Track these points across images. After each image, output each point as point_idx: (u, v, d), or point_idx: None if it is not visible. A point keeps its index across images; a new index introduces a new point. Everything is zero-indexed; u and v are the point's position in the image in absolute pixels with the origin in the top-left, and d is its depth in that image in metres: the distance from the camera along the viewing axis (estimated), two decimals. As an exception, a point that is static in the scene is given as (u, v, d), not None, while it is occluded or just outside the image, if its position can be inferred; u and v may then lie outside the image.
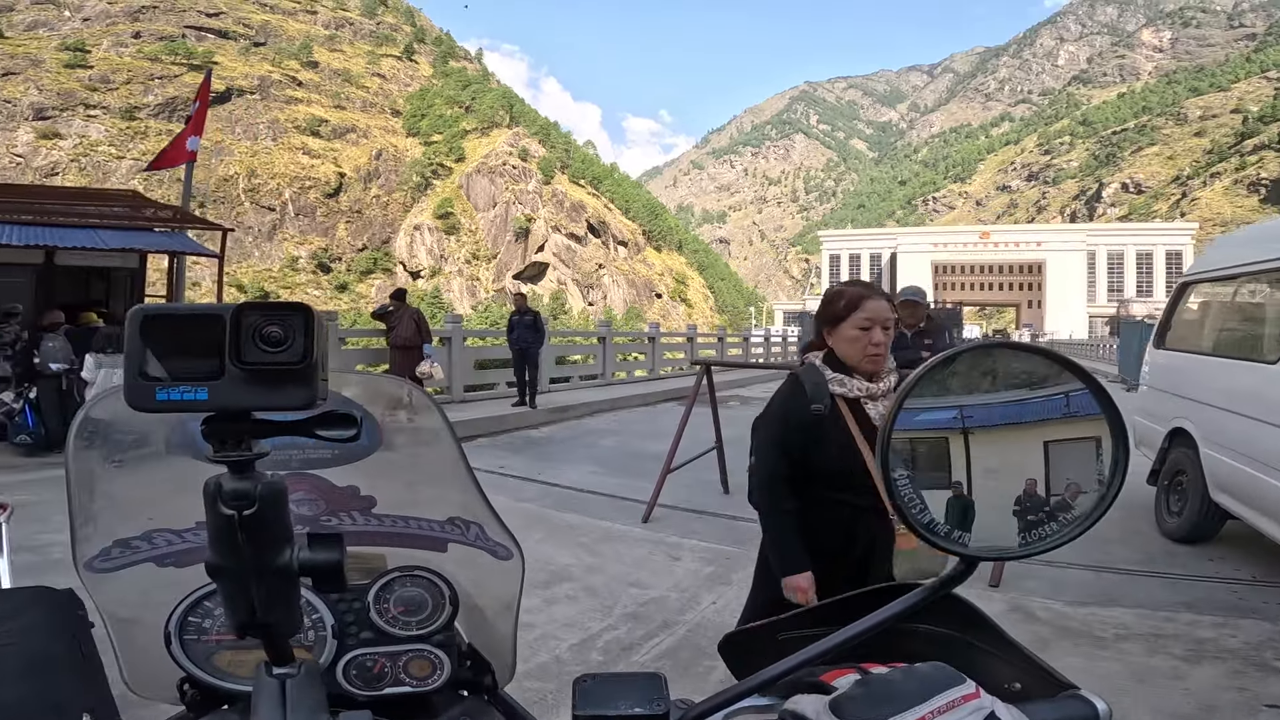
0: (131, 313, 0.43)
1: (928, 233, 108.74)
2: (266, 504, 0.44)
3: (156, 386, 0.43)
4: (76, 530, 0.62)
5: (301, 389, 0.44)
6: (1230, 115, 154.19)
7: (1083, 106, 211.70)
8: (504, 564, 0.69)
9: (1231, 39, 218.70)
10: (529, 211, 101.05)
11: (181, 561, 0.65)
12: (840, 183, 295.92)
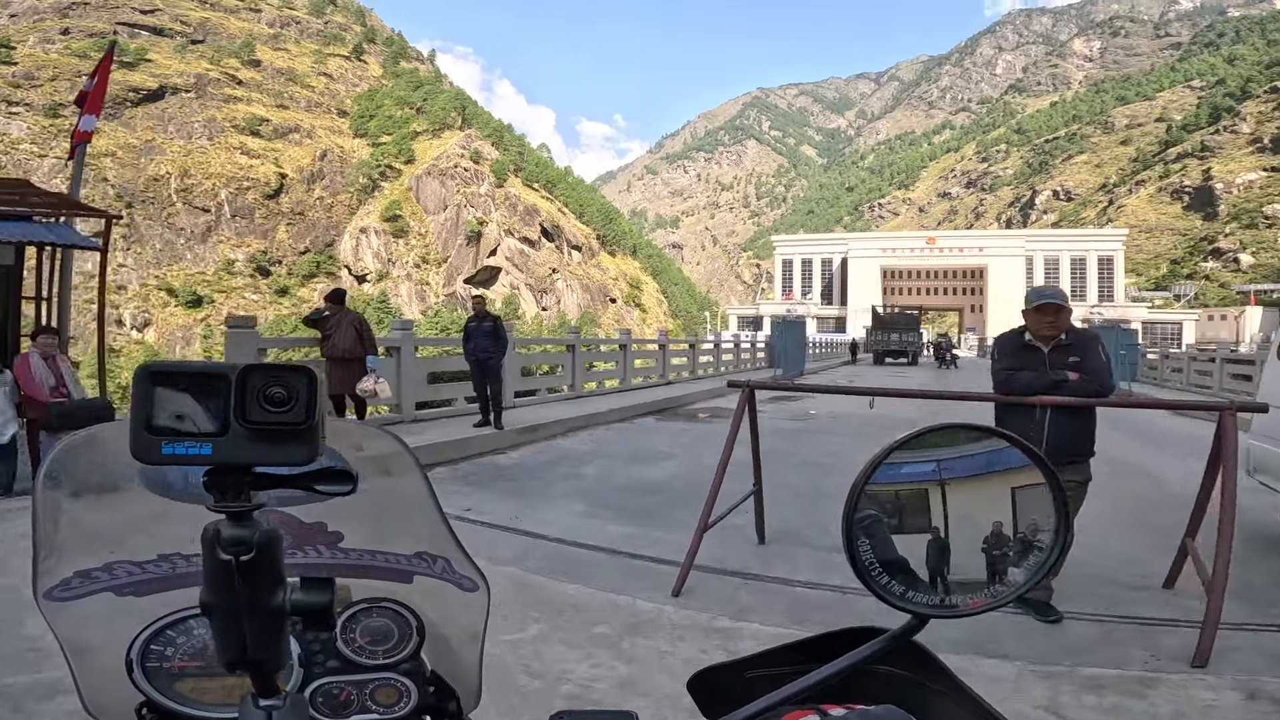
0: (139, 369, 0.46)
1: (877, 238, 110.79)
2: (263, 550, 0.47)
3: (163, 441, 0.45)
4: (39, 562, 0.63)
5: (302, 447, 0.47)
6: (1155, 124, 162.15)
7: (1018, 115, 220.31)
8: (470, 595, 0.70)
9: (1157, 48, 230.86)
10: (481, 215, 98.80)
11: (141, 591, 0.66)
12: (790, 189, 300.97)
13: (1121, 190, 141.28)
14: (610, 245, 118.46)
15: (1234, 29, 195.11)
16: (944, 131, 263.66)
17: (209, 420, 0.46)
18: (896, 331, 35.10)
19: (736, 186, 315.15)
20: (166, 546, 0.66)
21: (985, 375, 15.13)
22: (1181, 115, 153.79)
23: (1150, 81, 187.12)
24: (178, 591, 0.66)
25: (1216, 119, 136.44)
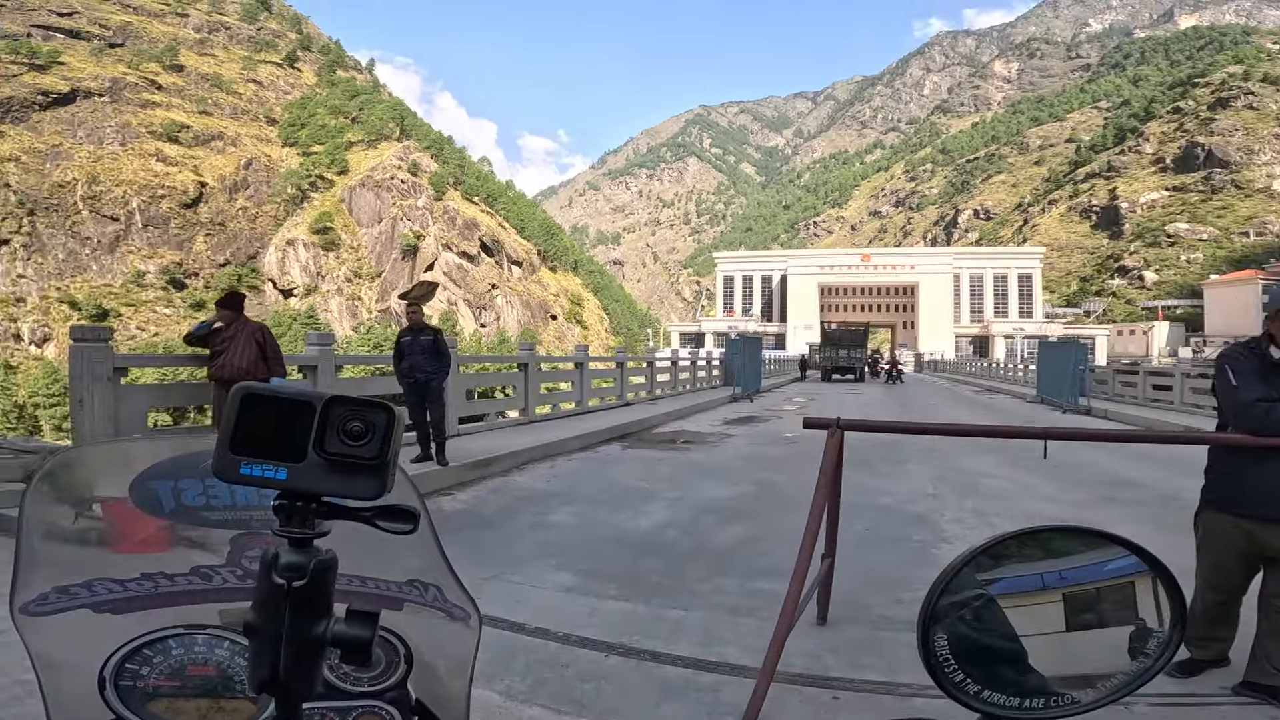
0: (236, 389, 0.49)
1: (815, 255, 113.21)
2: (316, 578, 0.49)
3: (242, 461, 0.48)
4: (18, 576, 0.63)
5: (373, 482, 0.49)
6: (1065, 144, 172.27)
7: (943, 135, 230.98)
8: (460, 625, 0.69)
9: (1069, 70, 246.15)
10: (418, 228, 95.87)
11: (120, 609, 0.65)
12: (730, 206, 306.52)
13: (1035, 210, 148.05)
14: (551, 261, 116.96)
15: (1139, 50, 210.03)
16: (875, 151, 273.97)
17: (288, 447, 0.48)
18: (844, 348, 34.99)
19: (678, 203, 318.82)
20: (150, 565, 0.65)
21: (931, 391, 14.87)
22: (1090, 136, 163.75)
23: (1061, 102, 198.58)
24: (158, 610, 0.65)
25: (1122, 139, 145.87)
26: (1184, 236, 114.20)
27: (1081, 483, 6.48)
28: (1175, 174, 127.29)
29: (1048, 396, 17.80)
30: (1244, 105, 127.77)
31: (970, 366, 54.59)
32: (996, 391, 24.87)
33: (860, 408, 16.34)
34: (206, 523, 0.66)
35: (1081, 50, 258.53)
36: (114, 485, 0.65)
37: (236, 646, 0.61)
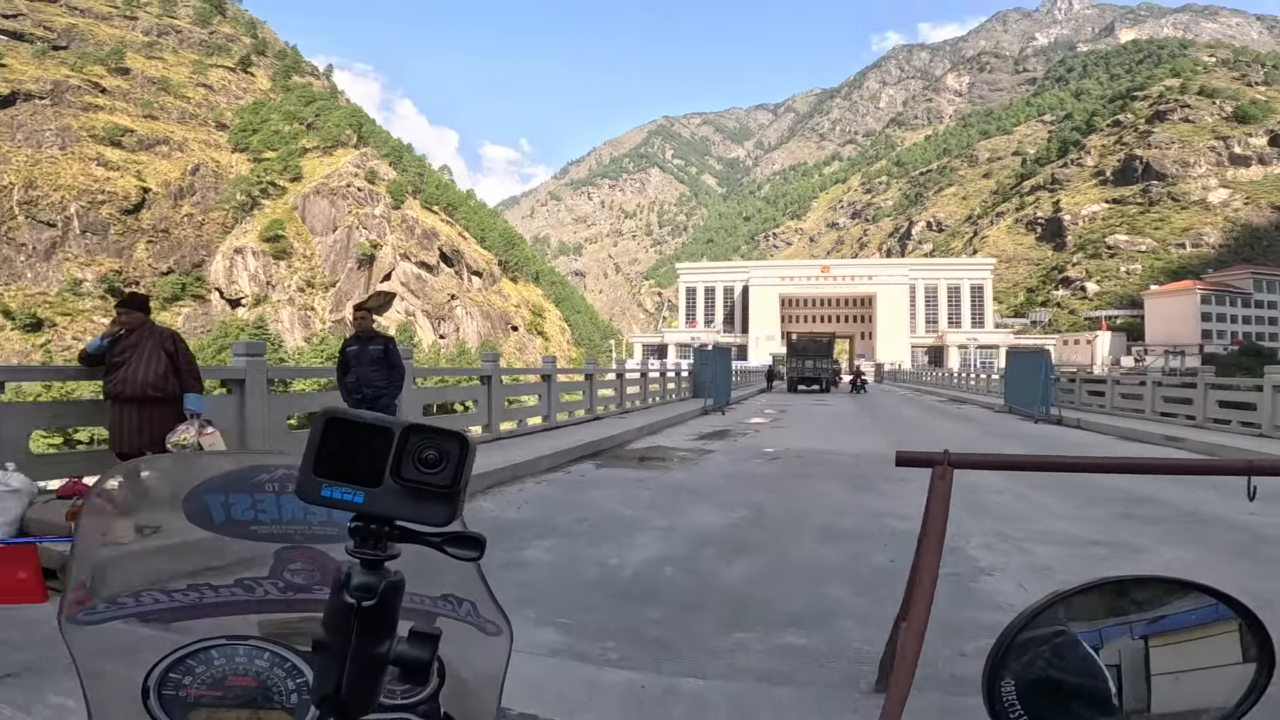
0: (320, 413, 0.52)
1: (776, 266, 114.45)
2: (385, 599, 0.51)
3: (323, 484, 0.51)
4: (69, 587, 0.65)
5: (444, 508, 0.52)
6: (1012, 157, 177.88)
7: (897, 148, 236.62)
8: (493, 639, 0.71)
9: (1016, 83, 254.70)
10: (375, 237, 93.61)
11: (165, 619, 0.67)
12: (691, 217, 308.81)
13: (984, 222, 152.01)
14: (512, 271, 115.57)
15: (1082, 64, 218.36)
16: (833, 163, 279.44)
17: (366, 471, 0.51)
18: (810, 359, 34.45)
19: (640, 214, 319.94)
20: (197, 577, 0.68)
21: (899, 401, 14.74)
22: (1035, 149, 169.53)
23: (1009, 115, 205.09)
24: (202, 620, 0.67)
25: (1065, 152, 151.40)
26: (1123, 248, 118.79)
27: (1093, 499, 6.06)
28: (1115, 186, 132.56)
29: (1016, 406, 17.77)
30: (1180, 118, 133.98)
31: (927, 376, 55.45)
32: (962, 401, 24.93)
33: (833, 419, 15.99)
34: (253, 536, 0.68)
35: (1028, 64, 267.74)
36: (168, 498, 0.68)
37: (276, 658, 0.63)
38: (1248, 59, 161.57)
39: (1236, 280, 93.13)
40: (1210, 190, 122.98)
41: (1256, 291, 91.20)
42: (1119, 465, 2.23)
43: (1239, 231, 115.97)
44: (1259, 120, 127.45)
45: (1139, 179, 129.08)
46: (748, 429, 12.87)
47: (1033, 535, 4.79)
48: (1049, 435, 12.32)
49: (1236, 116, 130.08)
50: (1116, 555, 4.38)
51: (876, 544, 4.59)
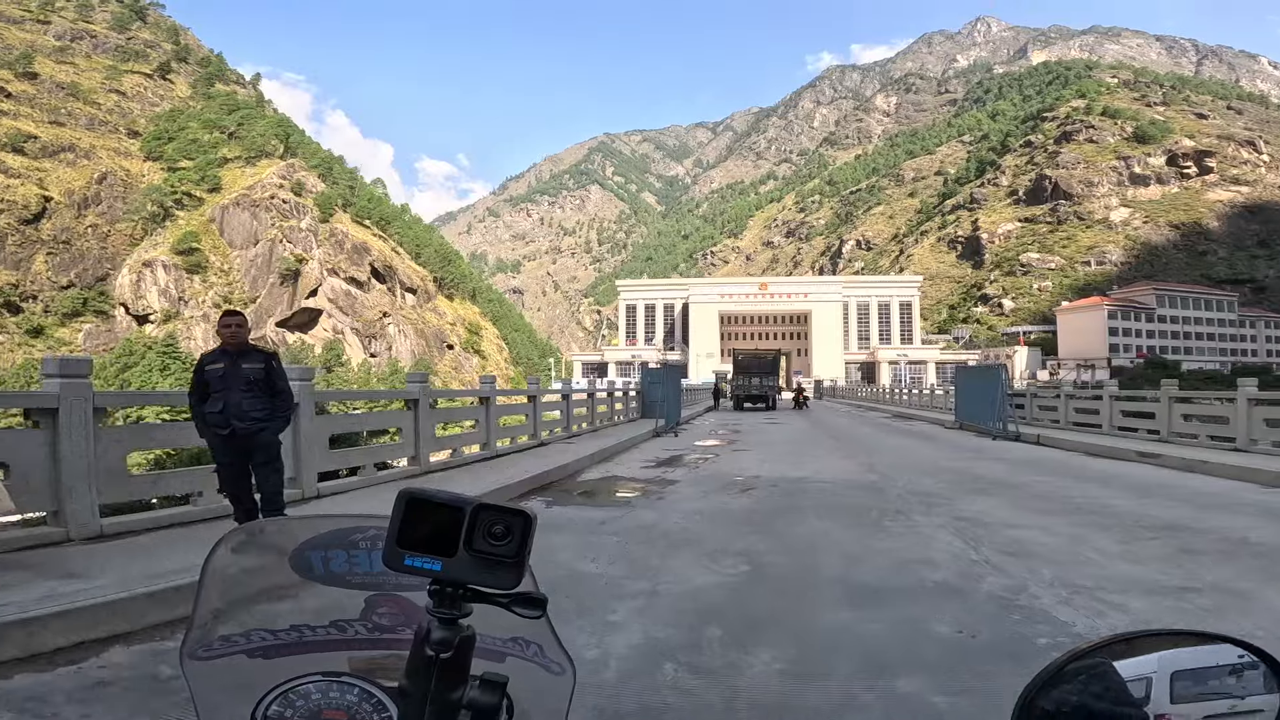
0: (402, 493, 0.61)
1: (716, 284, 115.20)
2: (460, 651, 0.60)
3: (406, 554, 0.60)
4: (192, 626, 0.74)
5: (511, 574, 0.60)
6: (935, 177, 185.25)
7: (830, 167, 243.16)
8: (557, 679, 0.76)
9: (939, 104, 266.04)
10: (300, 251, 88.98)
11: (270, 654, 0.76)
12: (630, 235, 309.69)
13: (910, 240, 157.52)
14: (448, 288, 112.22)
15: (998, 85, 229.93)
16: (769, 182, 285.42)
17: (443, 542, 0.60)
18: (756, 376, 33.83)
19: (579, 232, 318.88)
20: (298, 619, 0.77)
21: (846, 418, 14.70)
22: (955, 169, 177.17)
23: (932, 136, 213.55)
24: (301, 657, 0.76)
25: (982, 172, 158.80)
26: (1035, 266, 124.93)
27: (1131, 532, 5.26)
28: (1027, 205, 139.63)
29: (969, 422, 17.46)
30: (1085, 139, 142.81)
31: (862, 392, 56.18)
32: (908, 417, 24.69)
33: (791, 440, 15.19)
34: (347, 584, 0.78)
35: (950, 85, 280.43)
36: (278, 553, 0.78)
37: (364, 693, 0.69)
38: (1147, 80, 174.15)
39: (1140, 296, 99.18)
40: (1112, 209, 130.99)
41: (1159, 307, 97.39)
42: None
43: (1139, 249, 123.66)
44: (1158, 140, 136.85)
45: (1048, 198, 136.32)
46: (707, 453, 11.85)
47: (1106, 582, 3.88)
48: (1020, 453, 11.80)
49: (1137, 137, 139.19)
50: (1225, 604, 3.52)
51: (923, 605, 3.56)
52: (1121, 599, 3.57)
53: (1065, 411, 15.44)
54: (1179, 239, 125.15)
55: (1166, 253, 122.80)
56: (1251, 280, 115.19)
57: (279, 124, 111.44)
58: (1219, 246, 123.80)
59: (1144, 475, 8.60)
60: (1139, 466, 9.48)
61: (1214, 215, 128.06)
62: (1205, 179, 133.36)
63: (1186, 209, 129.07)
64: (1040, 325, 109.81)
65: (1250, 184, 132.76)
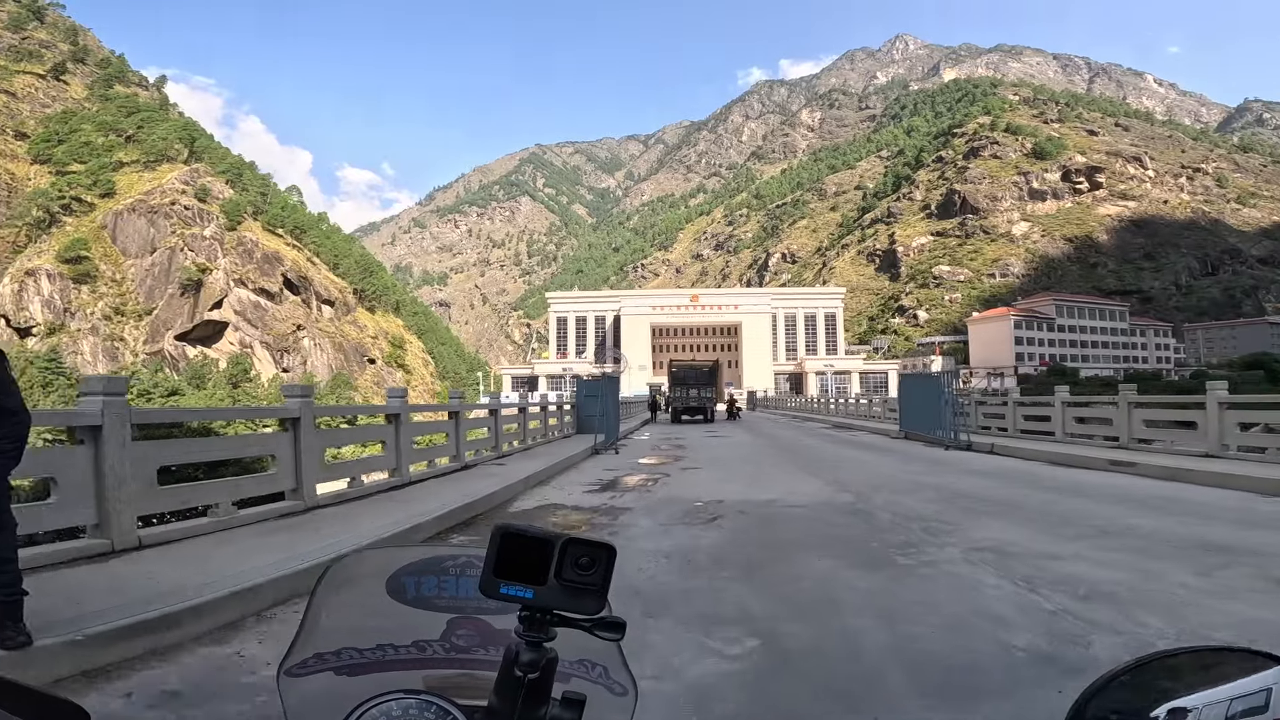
0: (497, 527, 0.67)
1: (647, 295, 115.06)
2: (545, 672, 0.64)
3: (502, 583, 0.66)
4: (293, 645, 0.79)
5: (594, 601, 0.66)
6: (854, 191, 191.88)
7: (757, 181, 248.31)
8: (620, 699, 0.80)
9: (860, 120, 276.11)
10: (203, 260, 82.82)
11: (355, 672, 0.81)
12: (561, 247, 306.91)
13: (832, 253, 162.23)
14: (370, 301, 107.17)
15: (913, 102, 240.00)
16: (699, 195, 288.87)
17: (534, 573, 0.65)
18: (694, 387, 32.79)
19: (509, 244, 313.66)
20: (384, 638, 0.82)
21: (787, 429, 15.50)
22: (874, 183, 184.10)
23: (853, 151, 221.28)
24: (384, 675, 0.80)
25: (898, 187, 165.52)
26: (947, 278, 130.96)
27: (1184, 553, 4.40)
28: (938, 220, 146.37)
29: (914, 431, 16.99)
30: (990, 154, 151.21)
31: (790, 402, 56.65)
32: (847, 427, 24.22)
33: (740, 455, 14.20)
34: (433, 607, 0.83)
35: (870, 101, 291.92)
36: (378, 577, 0.83)
37: (441, 711, 0.72)
38: (1045, 97, 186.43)
39: (1041, 307, 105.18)
40: (1014, 224, 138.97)
41: (1059, 317, 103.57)
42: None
43: (1038, 262, 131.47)
44: (1054, 156, 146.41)
45: (957, 212, 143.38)
46: (655, 473, 10.59)
47: (1244, 630, 2.89)
48: (983, 464, 11.14)
49: (1035, 153, 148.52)
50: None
51: (1040, 692, 2.41)
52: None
53: (1013, 418, 15.10)
54: (1073, 252, 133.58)
55: (1062, 265, 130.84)
56: (1139, 291, 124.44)
57: (183, 128, 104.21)
58: (1109, 259, 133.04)
59: (1134, 487, 7.94)
60: (1119, 477, 8.87)
61: (1104, 229, 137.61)
62: (1096, 194, 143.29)
63: (1079, 223, 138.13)
64: (952, 335, 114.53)
65: (1136, 199, 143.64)
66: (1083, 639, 2.98)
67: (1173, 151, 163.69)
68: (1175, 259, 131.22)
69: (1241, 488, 7.29)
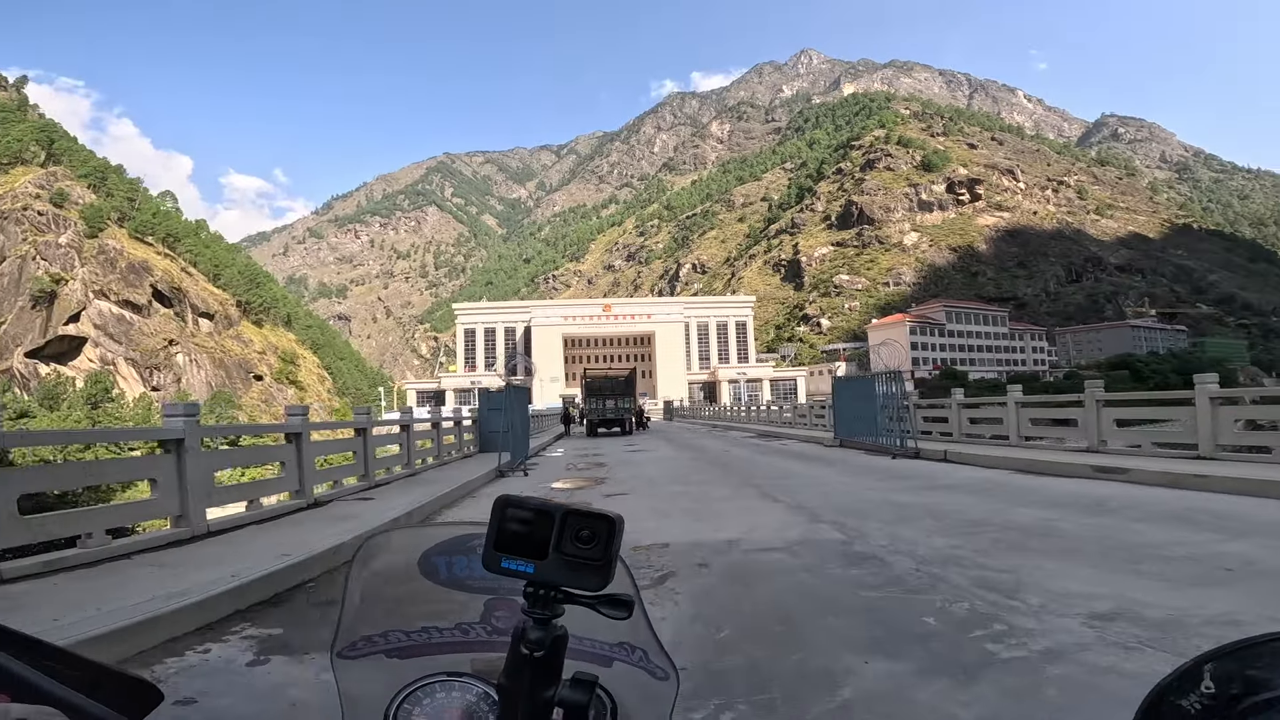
0: (499, 499, 0.66)
1: (559, 306, 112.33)
2: (552, 650, 0.64)
3: (503, 556, 0.65)
4: (340, 627, 0.80)
5: (597, 577, 0.65)
6: (761, 203, 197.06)
7: (668, 192, 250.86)
8: (661, 684, 0.78)
9: (766, 132, 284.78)
10: (58, 270, 73.58)
11: (403, 654, 0.82)
12: (470, 259, 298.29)
13: (740, 263, 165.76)
14: (256, 314, 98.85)
15: (815, 115, 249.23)
16: (611, 206, 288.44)
17: (536, 547, 0.65)
18: (611, 398, 30.98)
19: (414, 255, 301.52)
20: (427, 620, 0.83)
21: (706, 438, 16.01)
22: (779, 195, 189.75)
23: (759, 163, 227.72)
24: (430, 658, 0.81)
25: (802, 198, 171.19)
26: (846, 286, 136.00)
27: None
28: (838, 230, 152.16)
29: (851, 439, 15.88)
30: (884, 166, 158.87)
31: (706, 411, 55.98)
32: (774, 435, 23.02)
33: (667, 471, 12.45)
34: (468, 589, 0.82)
35: (775, 114, 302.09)
36: (408, 558, 0.83)
37: (481, 693, 0.74)
38: (932, 111, 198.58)
39: (933, 314, 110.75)
40: (905, 234, 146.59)
41: (948, 323, 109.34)
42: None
43: (927, 270, 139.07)
44: (939, 169, 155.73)
45: (855, 223, 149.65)
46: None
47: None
48: (950, 475, 9.89)
49: (924, 165, 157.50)
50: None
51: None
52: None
53: (958, 422, 14.17)
54: (957, 261, 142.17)
55: (948, 274, 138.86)
56: (1014, 297, 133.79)
57: (40, 128, 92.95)
58: (988, 267, 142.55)
59: (1158, 500, 6.72)
60: (1116, 486, 7.69)
61: (983, 239, 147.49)
62: (975, 205, 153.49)
63: (961, 233, 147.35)
64: (853, 342, 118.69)
65: (1010, 210, 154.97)
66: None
67: (1040, 165, 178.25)
68: (1045, 267, 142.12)
69: (1268, 494, 6.23)
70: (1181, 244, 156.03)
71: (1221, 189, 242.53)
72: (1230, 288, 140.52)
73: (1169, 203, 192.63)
